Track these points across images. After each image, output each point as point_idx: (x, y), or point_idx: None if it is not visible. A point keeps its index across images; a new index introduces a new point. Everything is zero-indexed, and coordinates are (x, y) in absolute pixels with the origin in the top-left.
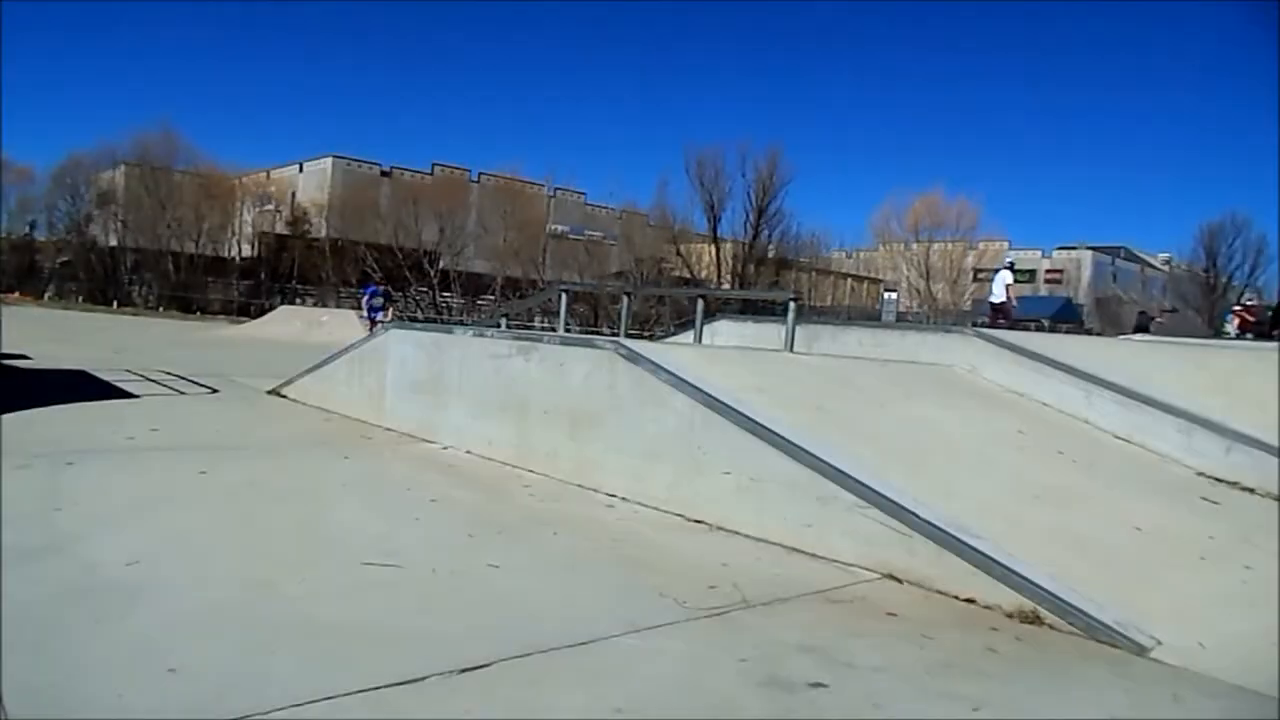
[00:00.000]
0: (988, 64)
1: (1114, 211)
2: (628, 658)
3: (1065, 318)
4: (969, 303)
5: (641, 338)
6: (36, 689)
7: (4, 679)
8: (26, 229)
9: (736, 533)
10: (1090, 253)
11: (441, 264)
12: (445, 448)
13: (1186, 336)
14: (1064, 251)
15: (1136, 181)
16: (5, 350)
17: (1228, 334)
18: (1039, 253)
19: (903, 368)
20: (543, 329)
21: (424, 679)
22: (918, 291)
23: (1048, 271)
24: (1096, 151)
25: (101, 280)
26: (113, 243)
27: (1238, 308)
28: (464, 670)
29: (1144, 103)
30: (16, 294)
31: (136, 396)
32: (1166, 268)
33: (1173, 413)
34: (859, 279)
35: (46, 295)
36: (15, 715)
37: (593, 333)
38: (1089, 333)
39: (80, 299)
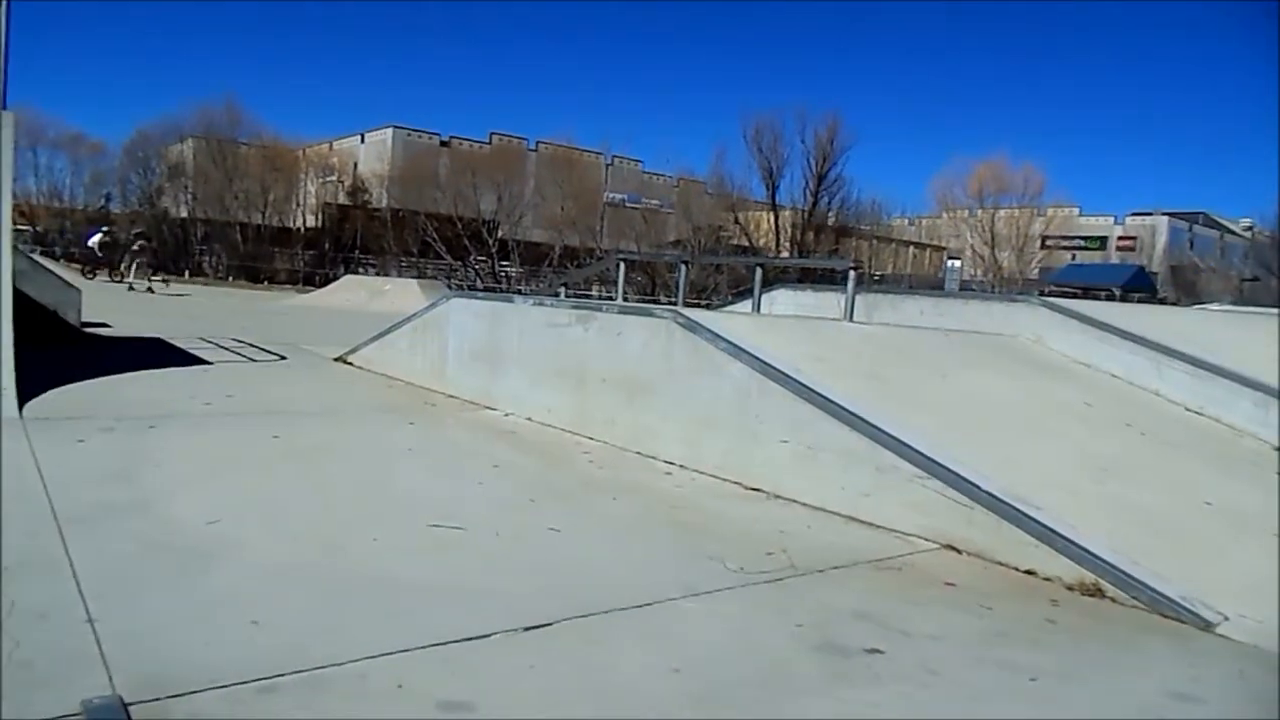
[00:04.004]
0: (1051, 14)
1: (1193, 174)
2: (685, 620)
3: (1137, 286)
4: (1036, 271)
5: (699, 306)
6: (136, 634)
7: (99, 629)
8: (102, 202)
9: (793, 500)
10: (1166, 219)
11: (500, 233)
12: (506, 414)
13: (1270, 306)
14: (1138, 218)
15: (1218, 142)
16: (86, 319)
17: None
18: (1111, 219)
19: (965, 337)
20: (601, 298)
21: (490, 635)
22: (982, 259)
23: (1120, 239)
24: (1174, 109)
25: (174, 251)
26: (183, 214)
27: None
28: (528, 628)
29: (1222, 51)
30: None
31: (210, 363)
32: (1249, 234)
33: (1249, 385)
34: (921, 246)
35: (122, 266)
36: (116, 661)
37: (650, 301)
38: (1162, 302)
39: (154, 270)
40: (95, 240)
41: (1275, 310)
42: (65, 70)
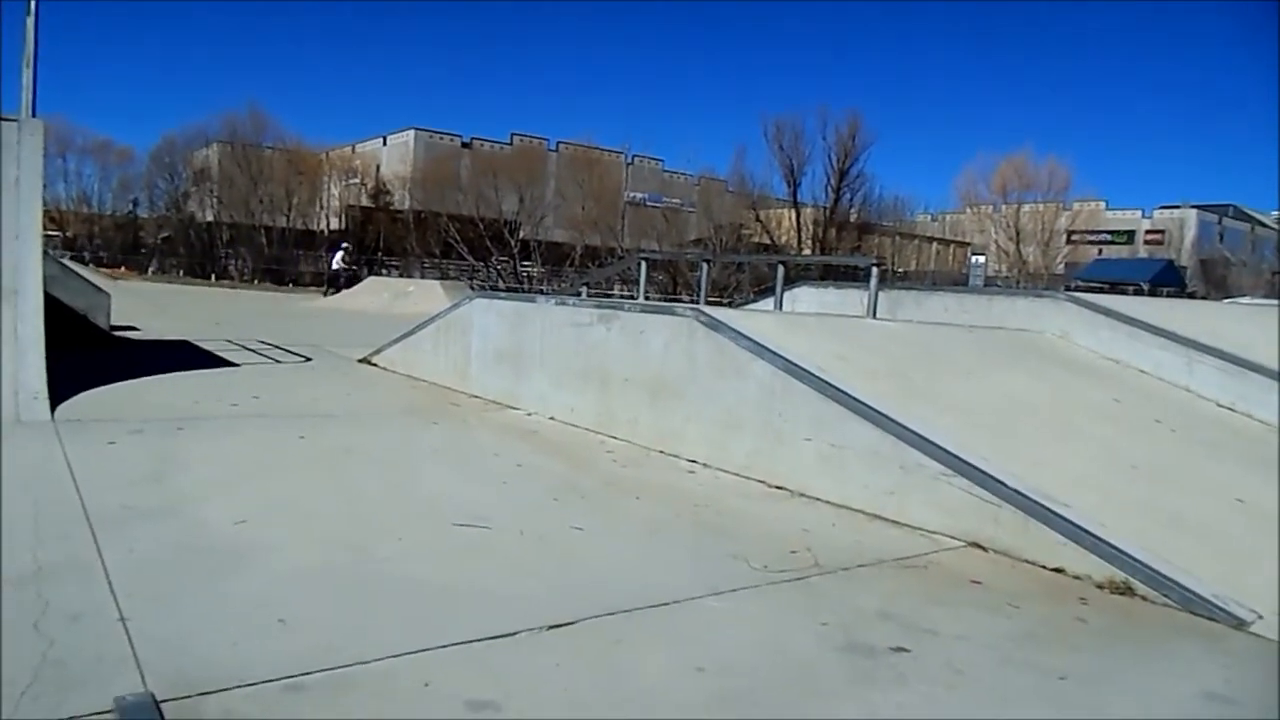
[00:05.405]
0: (1073, 8)
1: (1223, 166)
2: (709, 619)
3: (1165, 281)
4: (1062, 266)
5: (721, 305)
6: (167, 634)
7: (131, 628)
8: (130, 207)
9: (817, 499)
10: (1195, 212)
11: (521, 234)
12: (529, 414)
13: None
14: (1166, 211)
15: (1248, 133)
16: (115, 323)
17: None
18: (1138, 213)
19: (990, 334)
20: (622, 297)
21: (515, 634)
22: (1006, 255)
23: (1147, 233)
24: (1202, 100)
25: (200, 255)
26: (209, 218)
27: None
28: (552, 627)
29: (1248, 45)
30: (123, 269)
31: (236, 365)
32: None
33: None
34: (944, 243)
35: (150, 270)
36: (147, 659)
37: (672, 300)
38: (1192, 297)
39: (181, 273)
40: (339, 259)
41: None
42: (92, 79)
